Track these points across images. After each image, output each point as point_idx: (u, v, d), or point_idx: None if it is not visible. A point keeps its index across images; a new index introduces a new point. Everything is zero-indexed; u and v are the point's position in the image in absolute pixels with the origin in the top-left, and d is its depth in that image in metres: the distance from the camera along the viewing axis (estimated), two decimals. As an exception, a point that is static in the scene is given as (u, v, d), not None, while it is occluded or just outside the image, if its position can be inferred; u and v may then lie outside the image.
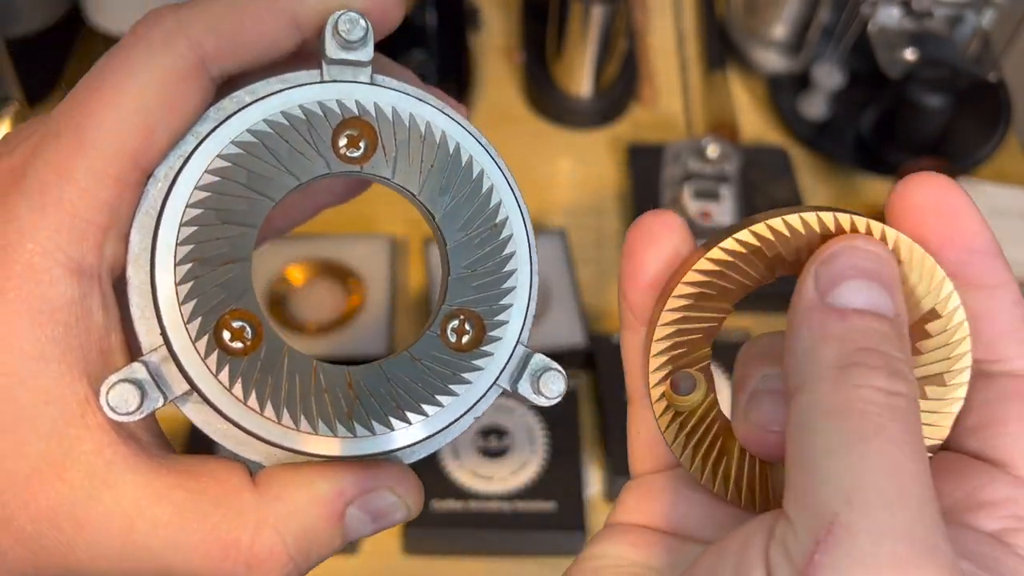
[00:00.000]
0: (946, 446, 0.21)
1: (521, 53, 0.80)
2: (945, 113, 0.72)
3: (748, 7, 0.81)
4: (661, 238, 0.22)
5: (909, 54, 0.73)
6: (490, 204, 0.23)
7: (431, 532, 0.54)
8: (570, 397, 0.60)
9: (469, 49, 0.79)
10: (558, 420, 0.58)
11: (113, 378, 0.20)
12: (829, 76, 0.75)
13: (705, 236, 0.22)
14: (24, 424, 0.20)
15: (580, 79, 0.75)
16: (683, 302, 0.22)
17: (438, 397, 0.22)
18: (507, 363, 0.23)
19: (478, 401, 0.23)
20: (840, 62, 0.76)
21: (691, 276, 0.21)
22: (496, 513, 0.54)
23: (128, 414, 0.20)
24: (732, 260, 0.21)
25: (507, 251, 0.23)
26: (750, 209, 0.69)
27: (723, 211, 0.67)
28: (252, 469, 0.22)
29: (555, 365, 0.23)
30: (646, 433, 0.24)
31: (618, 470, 0.57)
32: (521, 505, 0.54)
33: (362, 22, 0.22)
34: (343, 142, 0.22)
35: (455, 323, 0.23)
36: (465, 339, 0.23)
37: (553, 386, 0.23)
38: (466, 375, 0.22)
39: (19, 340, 0.20)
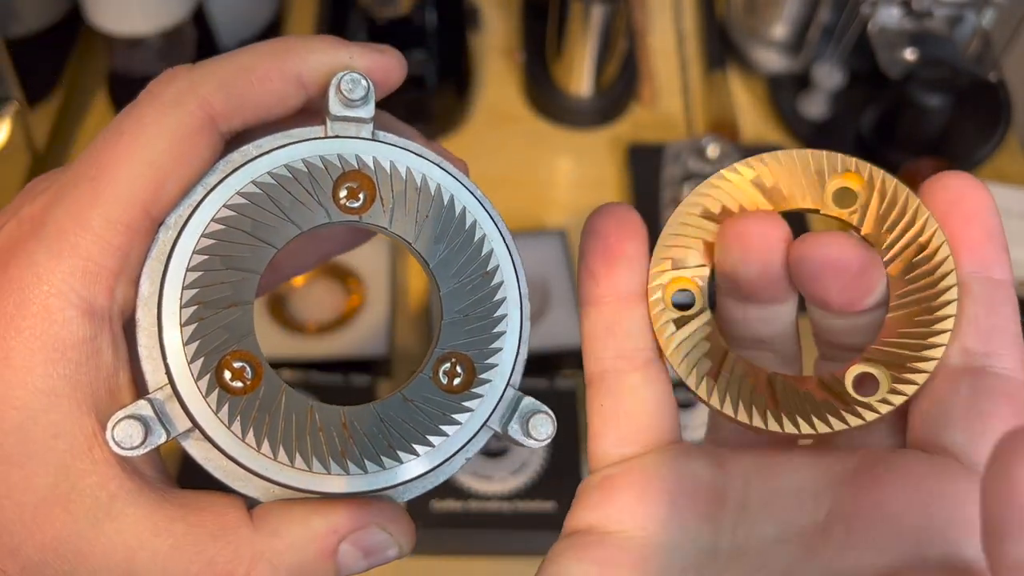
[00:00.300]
0: (915, 443, 0.22)
1: (521, 53, 0.80)
2: (945, 113, 0.72)
3: (748, 7, 0.80)
4: (627, 213, 0.24)
5: (909, 54, 0.73)
6: (482, 252, 0.24)
7: (431, 532, 0.54)
8: (569, 397, 0.60)
9: (469, 49, 0.79)
10: (557, 420, 0.58)
11: (119, 414, 0.21)
12: (829, 76, 0.75)
13: None
14: (34, 457, 0.21)
15: (580, 79, 0.75)
16: (683, 218, 0.24)
17: (429, 437, 0.23)
18: (497, 405, 0.24)
19: (469, 442, 0.23)
20: (840, 62, 0.76)
21: (692, 197, 0.24)
22: (496, 513, 0.54)
23: (133, 449, 0.21)
24: (729, 182, 0.24)
25: (498, 297, 0.24)
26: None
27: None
28: (249, 504, 0.23)
29: (544, 408, 0.24)
30: (608, 407, 0.24)
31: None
32: (521, 505, 0.55)
33: (364, 82, 0.22)
34: (343, 193, 0.23)
35: (447, 366, 0.23)
36: (456, 381, 0.23)
37: (542, 428, 0.24)
38: (457, 416, 0.23)
39: (32, 376, 0.21)
